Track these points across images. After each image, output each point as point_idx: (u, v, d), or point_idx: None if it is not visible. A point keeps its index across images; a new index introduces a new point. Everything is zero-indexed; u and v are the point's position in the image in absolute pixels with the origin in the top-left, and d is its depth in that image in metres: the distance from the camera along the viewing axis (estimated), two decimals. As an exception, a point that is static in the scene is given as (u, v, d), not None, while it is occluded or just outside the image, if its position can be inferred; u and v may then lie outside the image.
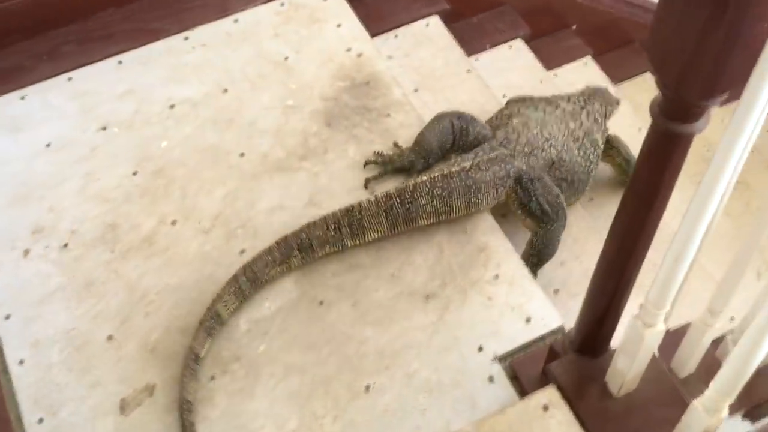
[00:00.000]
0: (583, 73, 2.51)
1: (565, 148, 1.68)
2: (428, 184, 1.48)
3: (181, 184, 1.60)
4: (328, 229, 1.46)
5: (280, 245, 1.44)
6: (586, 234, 1.78)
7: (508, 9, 2.41)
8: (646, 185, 0.94)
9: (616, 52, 2.81)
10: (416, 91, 1.98)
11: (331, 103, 1.71)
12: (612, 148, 1.92)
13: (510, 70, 2.28)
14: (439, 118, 1.63)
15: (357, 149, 1.65)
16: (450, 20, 2.19)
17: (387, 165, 1.61)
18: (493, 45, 2.33)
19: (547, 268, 1.70)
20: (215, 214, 1.56)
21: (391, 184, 1.54)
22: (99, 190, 1.59)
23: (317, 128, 1.67)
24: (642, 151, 0.91)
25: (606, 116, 1.87)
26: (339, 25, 1.84)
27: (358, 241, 1.49)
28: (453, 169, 1.51)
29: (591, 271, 1.78)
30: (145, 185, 1.60)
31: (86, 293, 1.46)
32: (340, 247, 1.49)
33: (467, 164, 1.53)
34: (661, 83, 0.80)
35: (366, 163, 1.62)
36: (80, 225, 1.55)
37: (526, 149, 1.60)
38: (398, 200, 1.47)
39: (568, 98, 1.83)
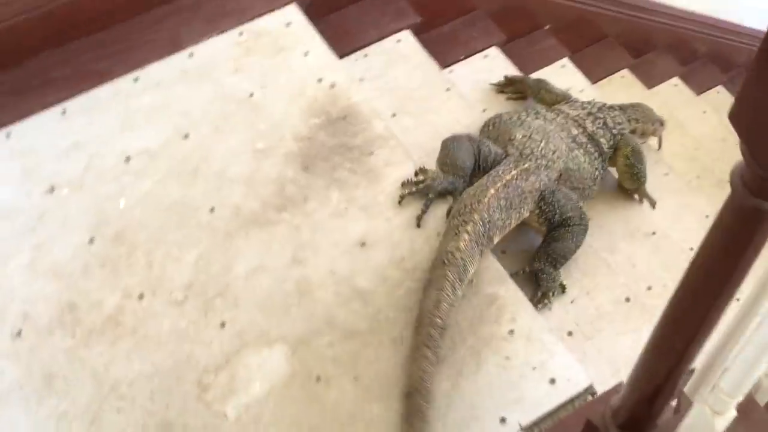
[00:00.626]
0: (561, 75, 2.38)
1: (570, 156, 1.68)
2: (496, 198, 1.45)
3: (145, 250, 1.42)
4: (448, 293, 1.30)
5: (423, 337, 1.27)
6: (594, 265, 1.65)
7: (480, 14, 2.27)
8: (718, 265, 0.80)
9: (591, 48, 2.70)
10: (394, 116, 1.83)
11: (306, 144, 1.54)
12: (621, 147, 1.87)
13: (488, 82, 2.13)
14: (455, 139, 1.59)
15: (341, 195, 1.49)
16: (420, 31, 2.04)
17: (428, 191, 1.48)
18: (468, 55, 2.18)
19: (557, 307, 1.57)
20: (188, 282, 1.39)
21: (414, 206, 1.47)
22: (51, 263, 1.40)
23: (294, 173, 1.51)
24: (716, 227, 0.77)
25: (634, 130, 1.94)
26: (306, 53, 1.67)
27: (463, 286, 1.35)
28: (507, 178, 1.50)
29: (604, 307, 1.68)
30: (105, 254, 1.41)
31: (47, 390, 1.28)
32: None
33: (512, 173, 1.52)
34: (750, 158, 0.66)
35: (402, 197, 1.48)
36: (33, 307, 1.36)
37: (542, 162, 1.59)
38: (481, 224, 1.39)
39: (579, 105, 1.88)
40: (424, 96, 1.86)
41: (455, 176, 1.52)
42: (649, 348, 0.96)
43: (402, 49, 1.94)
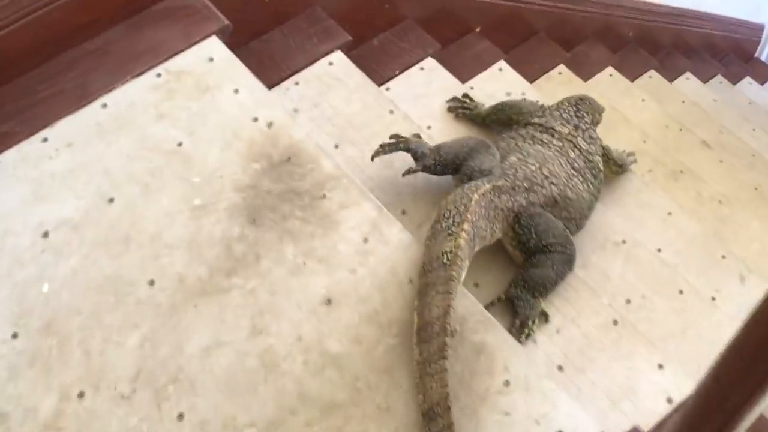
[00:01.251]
0: (499, 80, 2.28)
1: (570, 184, 1.64)
2: (478, 204, 1.41)
3: (80, 339, 1.24)
4: (455, 296, 1.26)
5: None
6: (573, 288, 1.55)
7: (410, 24, 2.15)
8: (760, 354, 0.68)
9: (524, 46, 2.62)
10: (337, 147, 1.68)
11: (249, 194, 1.39)
12: (609, 159, 1.92)
13: (428, 96, 2.01)
14: (464, 138, 1.64)
15: (296, 248, 1.34)
16: (349, 48, 1.90)
17: (401, 143, 1.59)
18: (403, 69, 2.05)
19: (543, 339, 1.46)
20: (134, 371, 1.22)
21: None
22: (-31, 369, 1.21)
23: (240, 230, 1.35)
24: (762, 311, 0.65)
25: (596, 124, 1.89)
26: (236, 91, 1.51)
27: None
28: (481, 190, 1.45)
29: (592, 333, 1.58)
30: (33, 349, 1.23)
31: None
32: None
33: (485, 187, 1.47)
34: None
35: (376, 153, 1.60)
36: (-47, 425, 1.17)
37: (522, 184, 1.55)
38: (473, 225, 1.38)
39: (560, 115, 1.81)
40: (366, 121, 1.73)
41: (432, 152, 1.59)
42: (691, 412, 0.85)
43: (335, 72, 1.80)
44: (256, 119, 1.48)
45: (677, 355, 1.64)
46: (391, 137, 1.61)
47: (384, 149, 1.59)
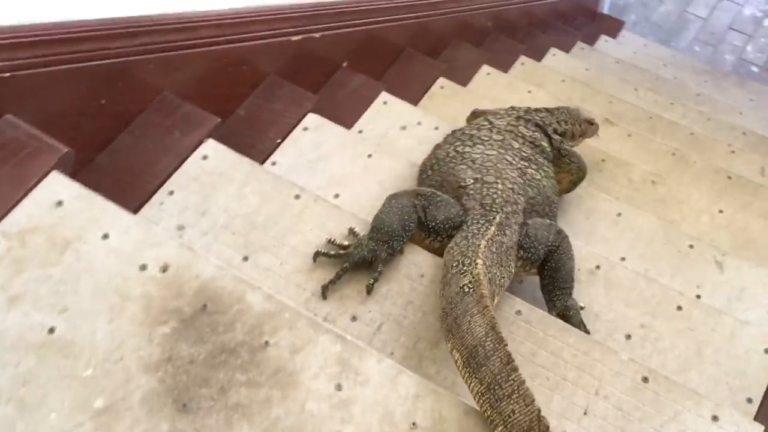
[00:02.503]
0: (387, 115, 2.02)
1: (527, 180, 1.58)
2: (488, 250, 1.29)
3: None
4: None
5: None
6: (585, 352, 1.29)
7: (275, 79, 1.84)
8: None
9: (395, 68, 2.37)
10: (246, 259, 1.35)
11: (167, 371, 1.04)
12: (570, 163, 1.81)
13: (324, 159, 1.71)
14: (395, 196, 1.43)
15: (253, 427, 1.00)
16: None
17: (345, 259, 1.33)
18: (284, 135, 1.74)
19: (572, 428, 1.20)
20: None
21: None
22: None
23: (170, 425, 1.00)
24: None
25: (564, 132, 1.87)
26: (105, 236, 1.15)
27: None
28: (489, 235, 1.33)
29: (625, 403, 1.29)
30: None
31: None
32: None
33: (491, 231, 1.35)
34: None
35: (316, 256, 1.34)
36: None
37: (509, 209, 1.46)
38: (486, 268, 1.24)
39: (505, 113, 1.80)
40: (271, 217, 1.41)
41: (379, 243, 1.34)
42: None
43: (214, 165, 1.47)
44: (144, 266, 1.13)
45: (705, 383, 1.42)
46: (320, 254, 1.34)
47: (333, 280, 1.31)
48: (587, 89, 2.84)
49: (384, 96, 2.05)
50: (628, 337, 1.48)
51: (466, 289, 1.15)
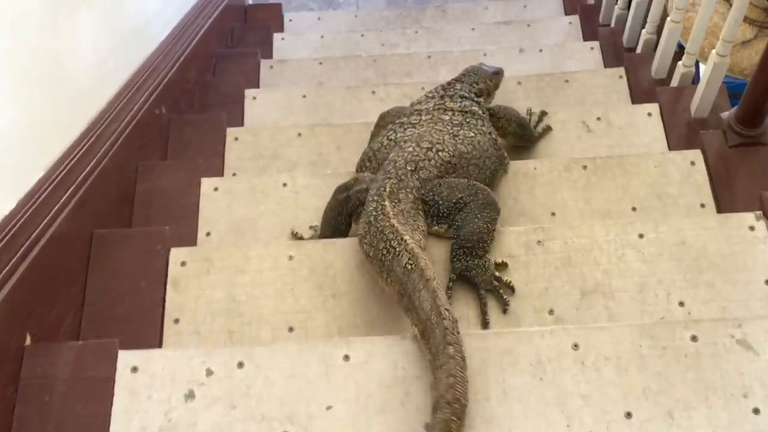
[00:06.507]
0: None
1: (458, 140, 1.70)
2: (402, 228, 1.42)
3: None
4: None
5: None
6: None
7: None
8: None
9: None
10: None
11: None
12: (500, 119, 1.96)
13: None
14: (332, 197, 1.68)
15: None
16: None
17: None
18: None
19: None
20: None
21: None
22: None
23: None
24: None
25: (480, 92, 1.99)
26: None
27: None
28: (388, 208, 1.47)
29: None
30: None
31: None
32: None
33: (387, 205, 1.49)
34: None
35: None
36: None
37: (409, 167, 1.59)
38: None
39: (426, 98, 1.92)
40: None
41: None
42: None
43: None
44: None
45: None
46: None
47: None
48: (336, 130, 2.15)
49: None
50: None
51: (409, 267, 1.32)
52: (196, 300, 1.52)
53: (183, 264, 1.55)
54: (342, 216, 1.63)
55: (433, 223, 1.55)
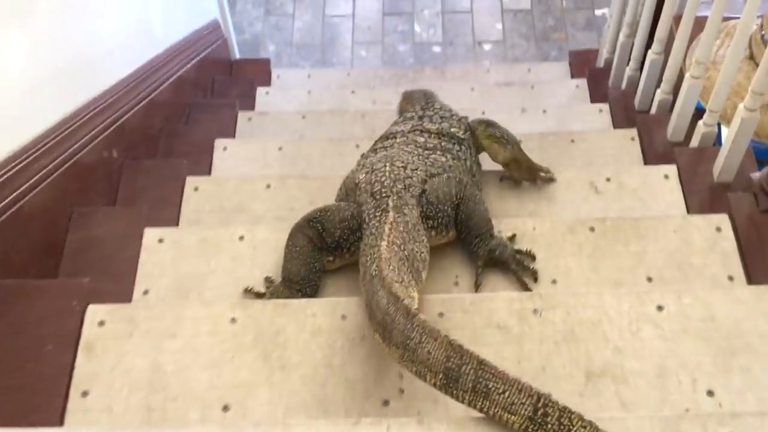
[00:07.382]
0: None
1: (429, 164, 1.64)
2: (389, 250, 1.30)
3: None
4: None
5: None
6: None
7: None
8: None
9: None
10: None
11: None
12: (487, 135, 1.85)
13: None
14: (291, 236, 1.51)
15: None
16: None
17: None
18: None
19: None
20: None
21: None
22: None
23: None
24: None
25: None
26: None
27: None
28: (390, 220, 1.39)
29: None
30: None
31: None
32: None
33: (390, 215, 1.41)
34: None
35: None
36: None
37: (398, 186, 1.52)
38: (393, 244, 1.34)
39: (403, 120, 1.88)
40: None
41: (292, 290, 1.47)
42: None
43: None
44: None
45: None
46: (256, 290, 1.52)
47: None
48: (310, 183, 1.90)
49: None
50: None
51: (374, 273, 1.22)
52: (112, 369, 1.25)
53: (101, 324, 1.29)
54: (316, 251, 1.50)
55: (441, 235, 1.54)
